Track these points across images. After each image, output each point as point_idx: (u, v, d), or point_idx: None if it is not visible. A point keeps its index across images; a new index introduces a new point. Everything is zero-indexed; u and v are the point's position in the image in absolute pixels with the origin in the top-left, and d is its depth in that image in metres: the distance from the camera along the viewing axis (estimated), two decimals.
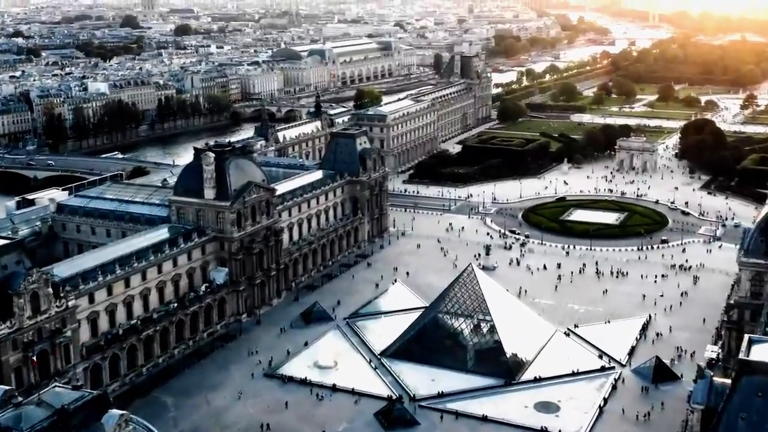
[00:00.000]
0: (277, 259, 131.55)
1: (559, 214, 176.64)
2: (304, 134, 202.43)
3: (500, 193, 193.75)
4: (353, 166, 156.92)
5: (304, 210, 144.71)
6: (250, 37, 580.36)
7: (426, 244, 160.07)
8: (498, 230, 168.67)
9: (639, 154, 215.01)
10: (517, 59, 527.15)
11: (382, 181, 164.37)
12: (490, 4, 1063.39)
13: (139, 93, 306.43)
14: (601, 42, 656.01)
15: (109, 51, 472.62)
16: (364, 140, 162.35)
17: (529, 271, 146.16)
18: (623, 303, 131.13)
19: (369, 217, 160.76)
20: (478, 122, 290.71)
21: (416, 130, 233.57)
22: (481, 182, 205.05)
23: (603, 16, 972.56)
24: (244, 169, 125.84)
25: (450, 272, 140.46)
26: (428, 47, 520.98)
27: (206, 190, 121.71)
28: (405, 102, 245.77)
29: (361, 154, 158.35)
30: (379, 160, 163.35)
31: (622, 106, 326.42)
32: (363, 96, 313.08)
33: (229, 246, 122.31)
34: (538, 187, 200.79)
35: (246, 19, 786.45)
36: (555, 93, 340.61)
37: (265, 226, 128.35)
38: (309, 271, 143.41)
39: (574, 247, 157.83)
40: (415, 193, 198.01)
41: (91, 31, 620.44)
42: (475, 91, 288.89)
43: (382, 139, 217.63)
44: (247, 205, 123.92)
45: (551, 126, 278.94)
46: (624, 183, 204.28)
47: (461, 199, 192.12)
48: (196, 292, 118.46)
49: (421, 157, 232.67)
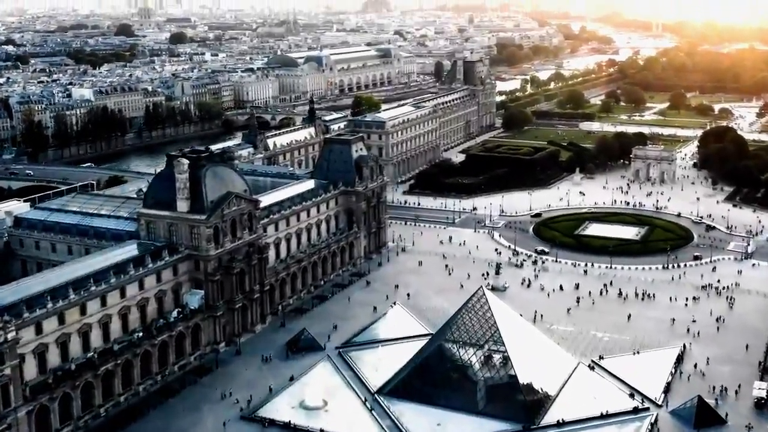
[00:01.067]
0: (260, 280, 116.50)
1: (573, 228, 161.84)
2: (296, 141, 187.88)
3: (508, 205, 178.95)
4: (348, 175, 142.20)
5: (293, 224, 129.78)
6: (247, 45, 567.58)
7: (428, 262, 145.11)
8: (507, 246, 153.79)
9: (656, 163, 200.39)
10: (519, 68, 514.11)
11: (380, 191, 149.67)
12: (491, 14, 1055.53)
13: (126, 100, 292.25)
14: (605, 51, 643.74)
15: (100, 59, 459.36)
16: (360, 147, 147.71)
17: (544, 292, 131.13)
18: (651, 330, 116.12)
19: (366, 232, 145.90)
20: (481, 130, 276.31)
21: (417, 137, 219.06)
22: (487, 193, 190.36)
23: (604, 26, 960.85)
24: (223, 177, 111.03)
25: (456, 293, 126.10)
26: (428, 55, 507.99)
27: (179, 202, 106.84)
28: (405, 108, 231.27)
29: (357, 162, 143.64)
30: (376, 169, 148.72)
31: (632, 114, 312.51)
32: (361, 103, 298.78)
33: (205, 265, 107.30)
34: (548, 199, 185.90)
35: (243, 28, 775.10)
36: (561, 100, 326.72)
37: (247, 243, 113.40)
38: (298, 293, 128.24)
39: (592, 265, 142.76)
40: (416, 205, 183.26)
41: (85, 39, 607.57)
42: (478, 97, 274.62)
43: (381, 147, 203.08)
44: (227, 218, 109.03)
45: (559, 134, 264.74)
46: (641, 194, 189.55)
47: (466, 211, 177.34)
48: (165, 319, 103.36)
49: (422, 166, 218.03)
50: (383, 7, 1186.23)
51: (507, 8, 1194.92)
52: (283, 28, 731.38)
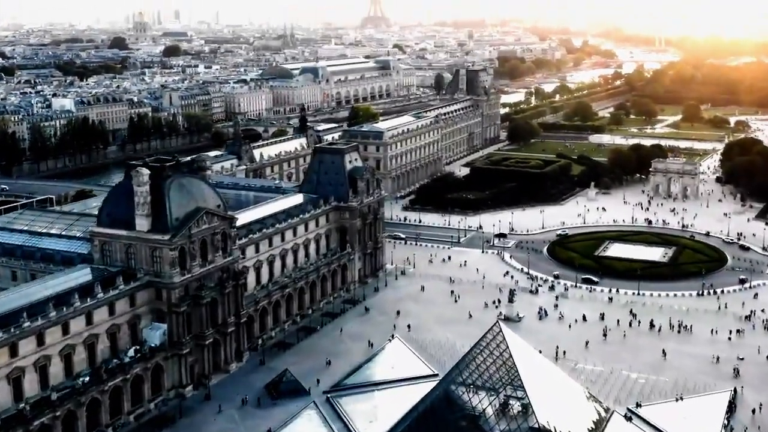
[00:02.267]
0: (236, 310, 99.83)
1: (593, 249, 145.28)
2: (285, 153, 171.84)
3: (518, 223, 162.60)
4: (341, 189, 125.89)
5: (277, 244, 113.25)
6: (242, 58, 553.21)
7: (432, 287, 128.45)
8: (520, 268, 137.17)
9: (678, 177, 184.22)
10: (521, 81, 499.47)
11: (376, 207, 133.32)
12: (491, 29, 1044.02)
13: (110, 111, 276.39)
14: (608, 65, 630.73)
15: (90, 71, 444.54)
16: (354, 157, 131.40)
17: (565, 323, 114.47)
18: (692, 369, 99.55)
19: (360, 252, 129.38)
20: (485, 143, 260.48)
21: (417, 149, 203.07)
22: (494, 210, 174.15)
23: (606, 41, 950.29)
24: (192, 191, 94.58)
25: (464, 325, 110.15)
26: (429, 68, 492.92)
27: (138, 219, 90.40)
28: (405, 118, 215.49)
29: (351, 174, 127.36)
30: (373, 182, 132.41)
31: (643, 126, 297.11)
32: (358, 114, 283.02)
33: (169, 294, 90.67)
34: (562, 216, 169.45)
35: (240, 42, 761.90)
36: (568, 113, 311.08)
37: (221, 267, 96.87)
38: (281, 324, 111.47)
39: (617, 290, 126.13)
40: (417, 222, 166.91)
41: (77, 52, 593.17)
42: (482, 108, 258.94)
43: (379, 159, 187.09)
44: (195, 238, 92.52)
45: (568, 147, 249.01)
46: (663, 211, 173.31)
47: (472, 229, 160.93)
48: (120, 359, 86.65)
49: (423, 180, 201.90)
50: (382, 23, 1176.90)
51: (506, 24, 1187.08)
52: (280, 42, 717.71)
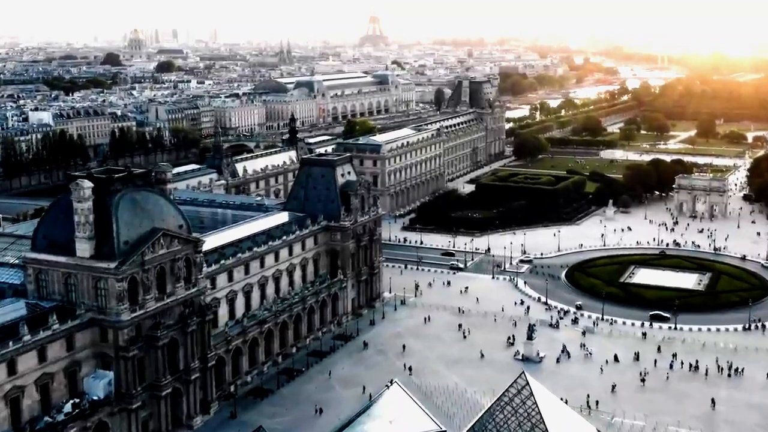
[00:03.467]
0: (203, 352, 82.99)
1: (617, 275, 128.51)
2: (273, 167, 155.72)
3: (531, 245, 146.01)
4: (332, 206, 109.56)
5: (255, 271, 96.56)
6: (237, 74, 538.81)
7: (436, 319, 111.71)
8: (536, 297, 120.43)
9: (704, 195, 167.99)
10: (524, 97, 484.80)
11: (373, 227, 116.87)
12: (490, 47, 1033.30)
13: (91, 125, 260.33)
14: (611, 82, 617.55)
15: (79, 86, 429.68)
16: (348, 170, 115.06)
17: (594, 364, 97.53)
18: (751, 423, 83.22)
19: (354, 280, 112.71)
20: (490, 158, 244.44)
21: (418, 164, 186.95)
22: (503, 230, 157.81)
23: (606, 59, 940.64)
24: (147, 208, 78.07)
25: (475, 366, 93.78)
26: (428, 84, 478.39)
27: (79, 243, 73.84)
28: (404, 131, 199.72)
29: (344, 190, 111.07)
30: (369, 198, 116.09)
31: (655, 142, 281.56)
32: (354, 128, 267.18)
33: (116, 335, 73.94)
34: (579, 237, 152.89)
35: (237, 60, 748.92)
36: (576, 128, 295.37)
37: (183, 300, 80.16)
38: (259, 367, 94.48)
39: (650, 324, 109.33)
40: (419, 244, 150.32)
41: (68, 68, 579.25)
42: (486, 122, 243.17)
43: (376, 174, 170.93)
44: (150, 266, 75.89)
45: (579, 163, 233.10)
46: (691, 231, 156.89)
47: (479, 252, 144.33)
48: (52, 418, 69.77)
49: (425, 197, 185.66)
50: (380, 42, 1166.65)
51: (506, 42, 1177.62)
52: (276, 59, 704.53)
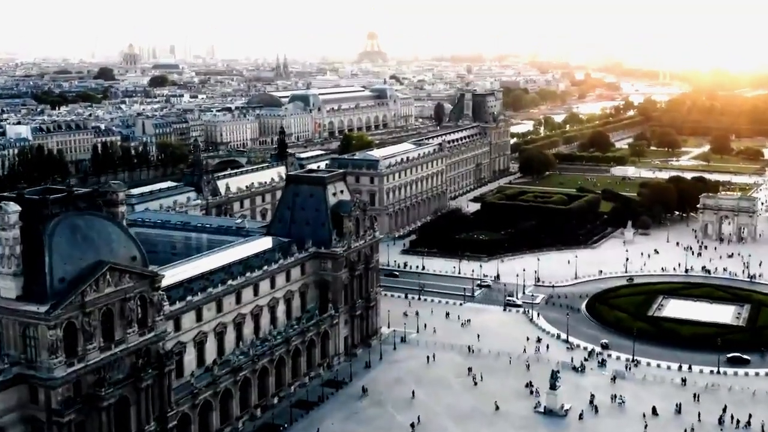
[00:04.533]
0: (162, 411, 68.42)
1: (644, 307, 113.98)
2: (259, 184, 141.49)
3: (545, 271, 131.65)
4: (322, 230, 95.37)
5: (230, 308, 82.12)
6: (231, 88, 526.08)
7: (442, 361, 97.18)
8: (555, 334, 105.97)
9: (732, 216, 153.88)
10: (526, 112, 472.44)
11: (369, 253, 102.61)
12: (489, 63, 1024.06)
13: (72, 139, 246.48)
14: (613, 97, 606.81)
15: (68, 100, 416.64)
16: (340, 188, 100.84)
17: (628, 418, 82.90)
18: None
19: (347, 315, 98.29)
20: (494, 175, 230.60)
21: (419, 181, 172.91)
22: (512, 254, 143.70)
23: (607, 75, 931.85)
24: (91, 237, 63.81)
25: (489, 423, 79.83)
26: (427, 98, 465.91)
27: (2, 281, 59.61)
28: (404, 146, 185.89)
29: (336, 211, 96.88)
30: (364, 220, 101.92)
31: (667, 158, 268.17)
32: (350, 143, 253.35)
33: (48, 395, 59.45)
34: (597, 262, 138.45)
35: (233, 74, 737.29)
36: (584, 143, 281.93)
37: (135, 350, 65.71)
38: (233, 422, 79.65)
39: (689, 368, 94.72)
40: (420, 270, 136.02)
41: (60, 83, 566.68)
42: (490, 137, 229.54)
43: (373, 192, 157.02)
44: (92, 308, 61.54)
45: (589, 180, 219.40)
46: (718, 256, 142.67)
47: (488, 279, 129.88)
48: None
49: (426, 217, 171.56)
50: (379, 58, 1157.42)
51: (505, 58, 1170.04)
52: (272, 73, 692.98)
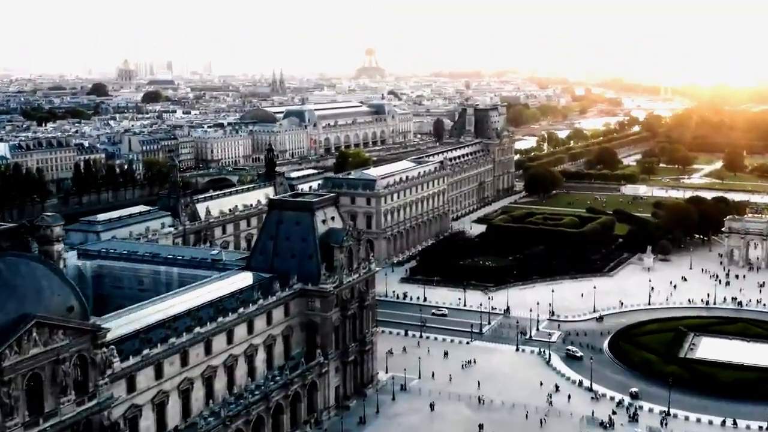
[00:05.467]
0: None
1: (675, 347, 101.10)
2: (244, 207, 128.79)
3: (559, 303, 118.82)
4: (309, 264, 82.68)
5: (197, 360, 69.25)
6: (226, 104, 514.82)
7: (448, 414, 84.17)
8: (576, 381, 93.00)
9: (761, 240, 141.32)
10: (527, 128, 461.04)
11: (364, 288, 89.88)
12: (488, 79, 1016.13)
13: (54, 157, 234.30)
14: (615, 113, 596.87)
15: (58, 116, 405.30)
16: (331, 214, 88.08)
17: None
18: None
19: (339, 361, 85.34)
20: (498, 194, 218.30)
21: (419, 202, 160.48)
22: (522, 283, 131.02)
23: (607, 90, 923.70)
24: (14, 284, 51.09)
25: None
26: (426, 114, 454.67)
27: None
28: (403, 164, 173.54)
29: (325, 241, 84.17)
30: (359, 251, 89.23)
31: (679, 176, 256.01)
32: (346, 161, 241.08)
33: None
34: (616, 292, 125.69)
35: (229, 90, 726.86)
36: (590, 160, 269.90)
37: (71, 423, 52.70)
38: None
39: (734, 422, 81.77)
40: (421, 301, 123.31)
41: (52, 98, 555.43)
42: (494, 153, 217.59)
43: (370, 214, 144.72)
44: (14, 374, 48.64)
45: (599, 200, 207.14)
46: (749, 285, 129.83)
47: (497, 312, 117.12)
48: None
49: (428, 240, 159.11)
50: (377, 74, 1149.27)
51: (503, 74, 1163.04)
52: (269, 89, 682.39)
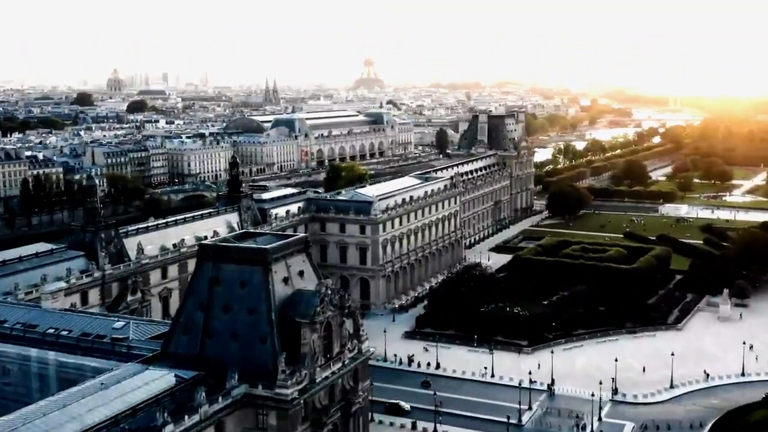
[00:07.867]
0: None
1: None
2: (196, 240, 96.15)
3: (621, 373, 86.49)
4: (260, 352, 50.42)
5: None
6: (213, 113, 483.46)
7: None
8: None
9: None
10: (535, 138, 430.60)
11: (350, 386, 57.61)
12: (489, 89, 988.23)
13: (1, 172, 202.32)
14: (626, 124, 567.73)
15: (30, 126, 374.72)
16: (299, 268, 55.55)
17: None
18: None
19: None
20: (516, 215, 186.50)
21: (426, 229, 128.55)
22: (566, 339, 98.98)
23: (611, 101, 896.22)
24: None
25: None
26: (428, 124, 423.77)
27: None
28: (406, 180, 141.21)
29: (286, 313, 51.78)
30: (342, 324, 56.97)
31: (718, 193, 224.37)
32: (338, 175, 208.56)
33: None
34: (691, 353, 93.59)
35: (221, 100, 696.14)
36: (616, 174, 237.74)
37: None
38: None
39: None
40: (433, 369, 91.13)
41: (31, 108, 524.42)
42: (511, 168, 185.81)
43: (364, 247, 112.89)
44: None
45: (636, 223, 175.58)
46: None
47: (539, 387, 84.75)
48: None
49: (437, 276, 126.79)
50: (375, 84, 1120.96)
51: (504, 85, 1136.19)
52: (262, 98, 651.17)
